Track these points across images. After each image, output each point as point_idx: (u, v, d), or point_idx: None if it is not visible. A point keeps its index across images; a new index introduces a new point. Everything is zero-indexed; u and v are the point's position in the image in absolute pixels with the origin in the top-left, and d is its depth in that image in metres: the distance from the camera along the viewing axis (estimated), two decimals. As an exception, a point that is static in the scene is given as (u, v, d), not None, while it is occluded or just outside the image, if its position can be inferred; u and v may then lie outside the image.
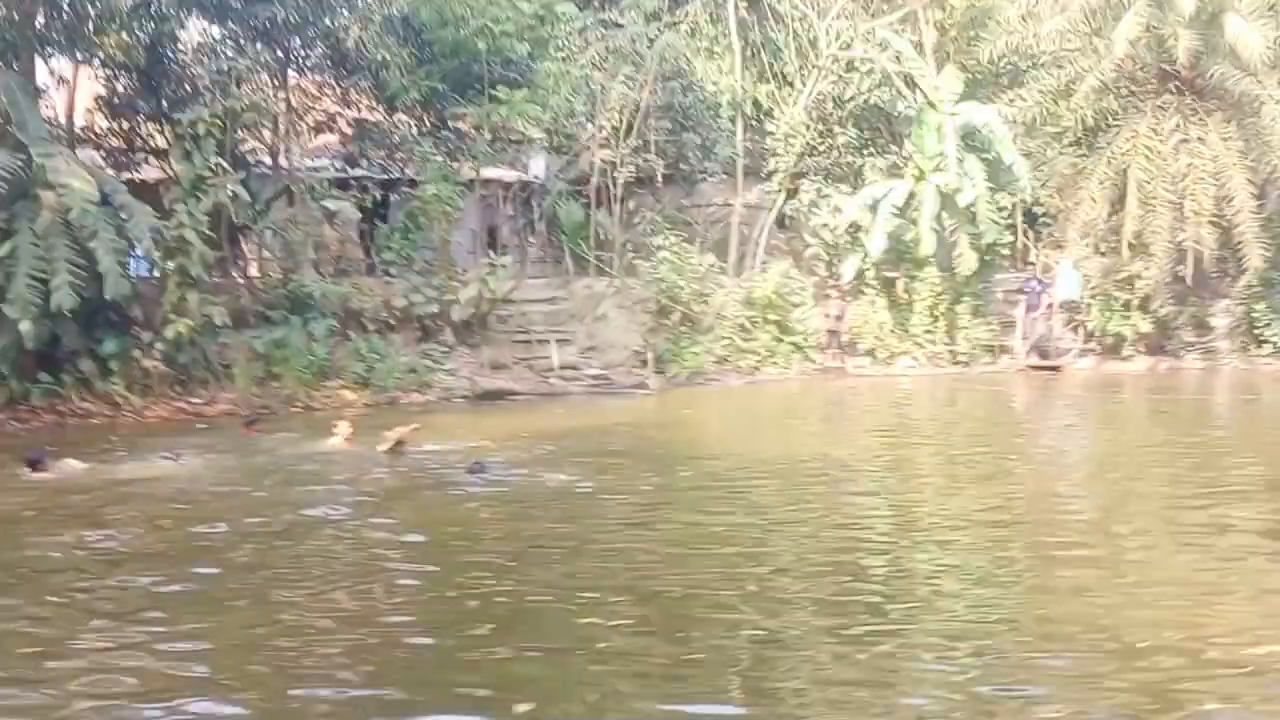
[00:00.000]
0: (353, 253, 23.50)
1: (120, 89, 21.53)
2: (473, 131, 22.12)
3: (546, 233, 24.88)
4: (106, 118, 22.09)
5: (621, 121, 23.21)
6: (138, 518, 10.26)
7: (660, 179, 24.90)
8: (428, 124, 22.69)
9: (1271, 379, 24.26)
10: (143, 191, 19.35)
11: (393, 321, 21.30)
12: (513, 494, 11.39)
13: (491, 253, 23.53)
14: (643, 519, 10.34)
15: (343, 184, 22.40)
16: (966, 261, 24.90)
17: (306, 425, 17.22)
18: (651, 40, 24.15)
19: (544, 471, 12.61)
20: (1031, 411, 21.37)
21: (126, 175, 20.13)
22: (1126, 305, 26.00)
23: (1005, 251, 26.06)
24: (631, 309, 23.99)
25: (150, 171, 22.28)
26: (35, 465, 12.53)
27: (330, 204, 21.39)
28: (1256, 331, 26.06)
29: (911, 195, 25.17)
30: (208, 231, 18.37)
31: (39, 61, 20.09)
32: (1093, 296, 26.05)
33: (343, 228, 22.93)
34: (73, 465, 12.87)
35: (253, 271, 22.11)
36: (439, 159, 21.37)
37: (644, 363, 23.44)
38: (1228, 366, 25.74)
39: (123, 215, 17.25)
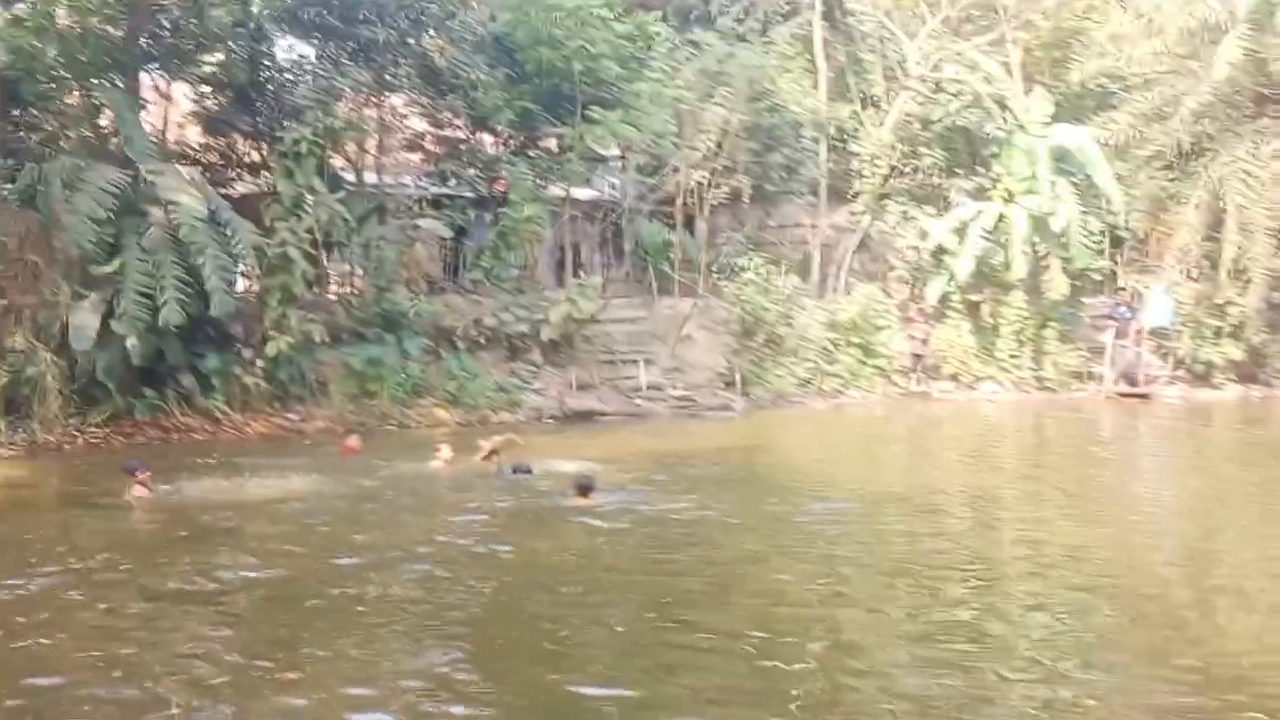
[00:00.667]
0: (434, 271, 23.49)
1: (217, 105, 21.69)
2: (562, 151, 22.08)
3: (628, 252, 24.79)
4: (203, 133, 22.28)
5: (711, 141, 23.10)
6: (275, 542, 10.23)
7: (745, 199, 24.75)
8: (516, 143, 22.68)
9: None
10: (237, 208, 19.46)
11: (482, 340, 21.31)
12: (643, 523, 11.25)
13: (581, 272, 23.45)
14: (786, 548, 10.17)
15: (435, 203, 22.39)
16: (1058, 286, 24.60)
17: (403, 444, 17.25)
18: (737, 59, 23.98)
19: (663, 498, 12.49)
20: (1133, 443, 20.88)
21: (222, 192, 20.21)
22: (1218, 332, 25.57)
23: (1096, 276, 25.67)
24: (714, 329, 23.87)
25: (241, 187, 22.41)
26: (134, 474, 12.29)
27: (422, 222, 21.41)
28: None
29: (1000, 218, 24.90)
30: (310, 249, 18.46)
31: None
32: (1183, 323, 25.63)
33: (427, 246, 22.89)
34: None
35: (338, 289, 22.19)
36: (531, 179, 21.35)
37: (728, 384, 23.31)
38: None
39: (227, 232, 17.32)
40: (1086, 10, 27.03)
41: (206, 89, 21.77)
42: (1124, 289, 26.24)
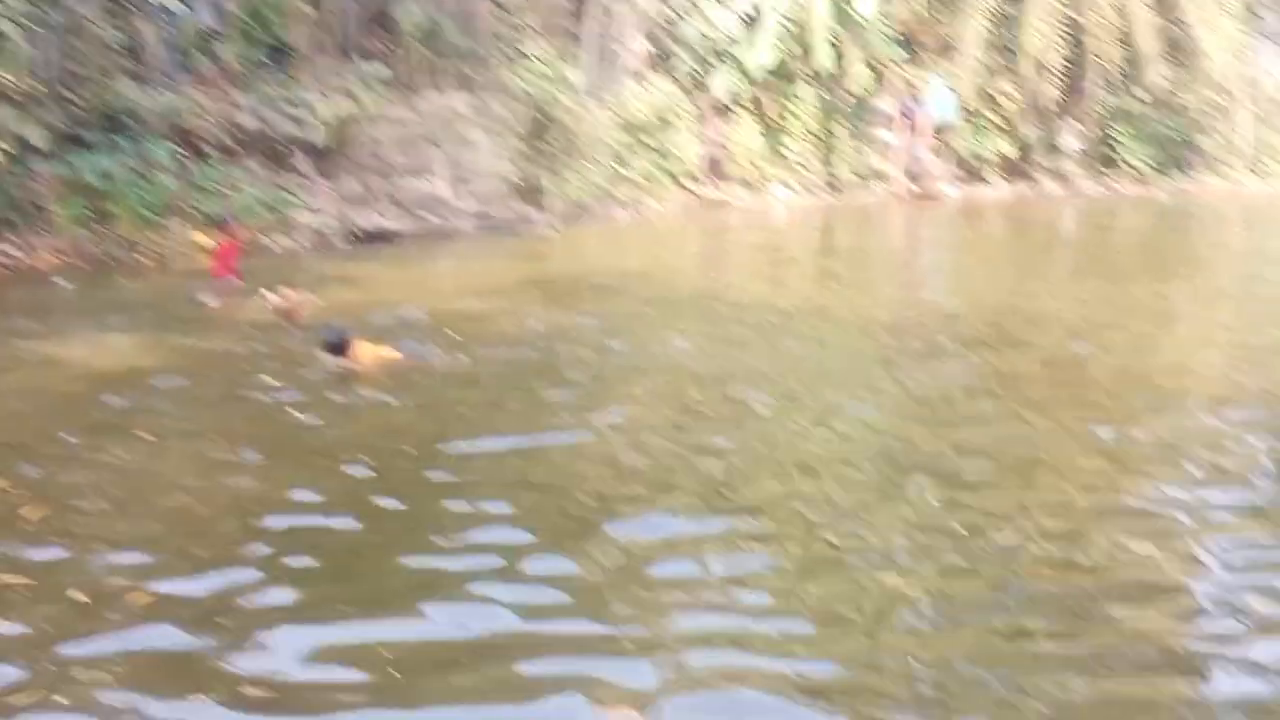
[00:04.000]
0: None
1: None
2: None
3: (383, 34, 20.56)
4: None
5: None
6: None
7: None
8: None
9: (1135, 205, 24.07)
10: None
11: (234, 146, 16.83)
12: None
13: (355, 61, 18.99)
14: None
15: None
16: (859, 79, 22.82)
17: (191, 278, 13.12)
18: None
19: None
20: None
21: None
22: (995, 128, 24.88)
23: (896, 69, 23.99)
24: (498, 131, 20.38)
25: None
26: None
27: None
28: (1112, 154, 25.64)
29: (796, 4, 22.58)
30: (31, 25, 13.38)
31: None
32: (966, 119, 24.69)
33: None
34: None
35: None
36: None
37: (521, 195, 20.12)
38: (1091, 191, 25.20)
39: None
40: None
41: None
42: (910, 83, 24.85)
